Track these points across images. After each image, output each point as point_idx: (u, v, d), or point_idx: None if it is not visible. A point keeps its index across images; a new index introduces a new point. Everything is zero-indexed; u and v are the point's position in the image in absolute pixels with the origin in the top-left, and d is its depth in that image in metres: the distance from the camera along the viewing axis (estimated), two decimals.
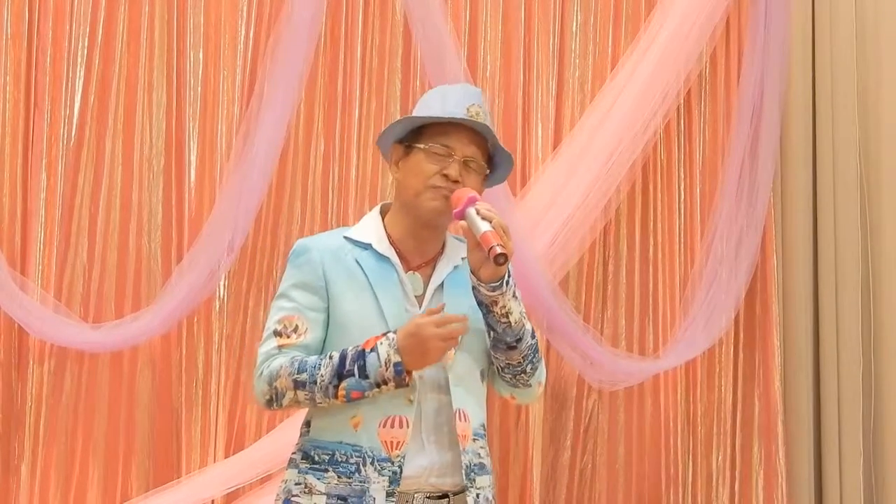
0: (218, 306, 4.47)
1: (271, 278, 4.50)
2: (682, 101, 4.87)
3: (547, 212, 4.59)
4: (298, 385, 2.66)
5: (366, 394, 2.62)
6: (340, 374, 2.62)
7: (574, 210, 4.59)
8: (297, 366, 2.66)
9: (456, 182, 2.75)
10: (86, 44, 4.50)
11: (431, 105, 2.83)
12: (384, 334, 2.63)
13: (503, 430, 4.70)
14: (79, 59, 4.48)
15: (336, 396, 2.63)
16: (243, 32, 4.60)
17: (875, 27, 4.93)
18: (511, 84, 4.80)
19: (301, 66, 4.44)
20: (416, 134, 2.82)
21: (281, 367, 2.68)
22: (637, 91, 4.71)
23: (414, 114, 2.86)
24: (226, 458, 4.37)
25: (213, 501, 4.33)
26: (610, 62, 4.87)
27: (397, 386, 2.60)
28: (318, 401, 2.66)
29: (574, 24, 4.89)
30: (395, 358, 2.58)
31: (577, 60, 4.88)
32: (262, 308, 4.45)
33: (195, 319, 4.45)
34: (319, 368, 2.64)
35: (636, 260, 4.86)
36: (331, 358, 2.65)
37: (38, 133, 4.44)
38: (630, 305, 4.85)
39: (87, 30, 4.50)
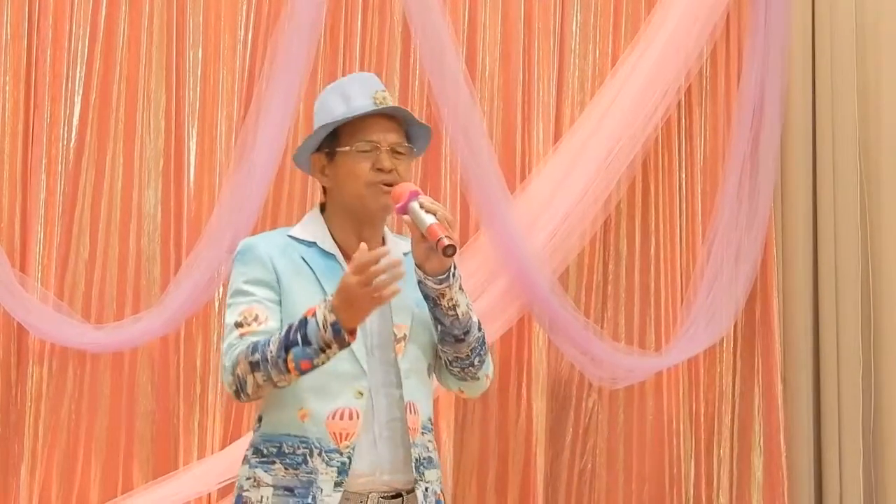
0: (217, 306, 4.48)
1: None
2: (682, 98, 4.87)
3: (547, 206, 4.59)
4: (254, 367, 2.61)
5: (314, 362, 2.56)
6: (286, 345, 2.57)
7: (573, 205, 4.59)
8: (250, 348, 2.63)
9: (391, 172, 2.74)
10: (86, 44, 4.50)
11: (334, 107, 2.79)
12: (324, 300, 2.58)
13: (502, 431, 4.70)
14: (79, 60, 4.49)
15: (288, 370, 2.58)
16: (242, 33, 4.60)
17: (875, 27, 4.93)
18: (510, 84, 4.80)
19: (301, 71, 4.43)
20: (334, 139, 2.79)
21: (239, 352, 2.64)
22: (638, 87, 4.71)
23: (317, 120, 2.82)
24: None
25: (209, 495, 4.34)
26: (610, 62, 4.87)
27: (340, 346, 2.54)
28: (274, 379, 2.61)
29: (574, 23, 4.89)
30: (331, 318, 2.52)
31: (577, 61, 4.88)
32: None
33: (193, 319, 4.45)
34: (269, 346, 2.60)
35: (636, 259, 4.86)
36: (279, 333, 2.62)
37: (38, 133, 4.44)
38: (630, 304, 4.85)
39: (88, 30, 4.50)
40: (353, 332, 2.55)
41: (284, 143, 4.46)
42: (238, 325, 2.70)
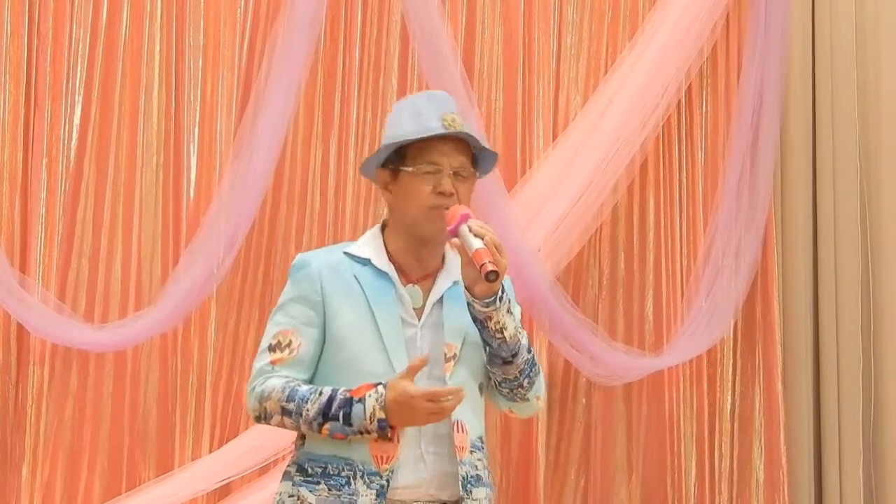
0: (215, 303, 4.48)
1: (268, 276, 4.52)
2: (682, 97, 4.87)
3: (546, 204, 4.59)
4: (286, 412, 2.69)
5: (349, 438, 2.65)
6: (325, 414, 2.65)
7: (572, 204, 4.59)
8: (287, 393, 2.69)
9: (452, 195, 2.76)
10: (86, 44, 4.50)
11: (404, 122, 2.80)
12: (374, 386, 2.64)
13: (505, 430, 4.70)
14: (79, 60, 4.49)
15: (320, 433, 2.67)
16: (239, 30, 4.61)
17: (875, 27, 4.93)
18: (508, 84, 4.80)
19: (301, 65, 4.43)
20: (400, 155, 2.80)
21: (273, 389, 2.71)
22: (637, 85, 4.71)
23: (387, 131, 2.85)
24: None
25: (205, 496, 4.35)
26: (608, 61, 4.87)
27: (380, 438, 2.64)
28: (302, 431, 2.71)
29: (572, 22, 4.89)
30: (380, 414, 2.60)
31: (573, 62, 4.88)
32: (256, 306, 4.50)
33: (192, 318, 4.46)
34: (307, 403, 2.66)
35: (635, 259, 4.86)
36: (320, 394, 2.67)
37: (38, 133, 4.45)
38: (629, 304, 4.85)
39: (88, 30, 4.51)
40: (395, 429, 2.64)
41: (283, 139, 4.46)
42: (271, 348, 2.76)
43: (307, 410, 2.65)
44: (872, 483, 4.80)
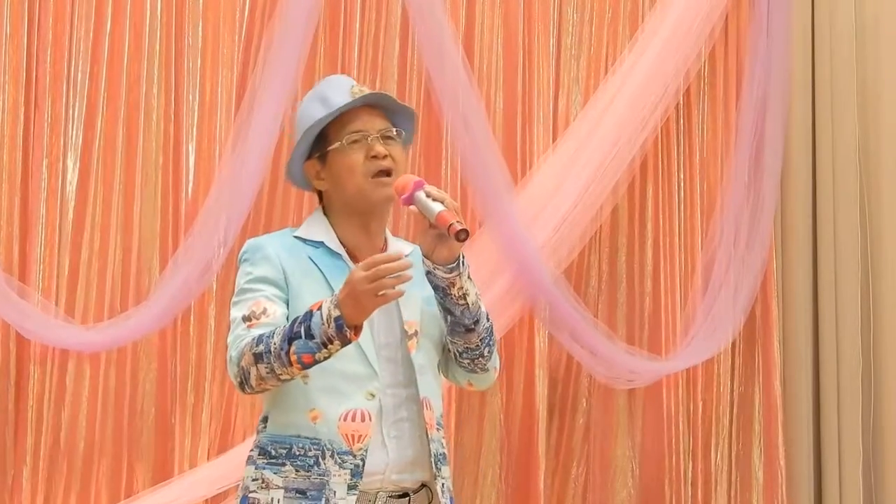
0: (214, 301, 4.48)
1: None
2: (681, 100, 4.87)
3: (546, 204, 4.58)
4: (258, 358, 2.59)
5: (316, 356, 2.54)
6: (290, 337, 2.55)
7: (572, 205, 4.59)
8: (255, 340, 2.61)
9: (385, 157, 2.74)
10: (87, 44, 4.50)
11: (314, 112, 2.78)
12: (332, 294, 2.58)
13: (504, 432, 4.70)
14: (79, 60, 4.48)
15: (290, 363, 2.55)
16: (237, 30, 4.61)
17: (875, 27, 4.93)
18: (508, 84, 4.80)
19: (297, 59, 4.41)
20: (322, 143, 2.78)
21: (245, 344, 2.62)
22: (636, 86, 4.71)
23: (299, 130, 2.81)
24: (218, 454, 4.38)
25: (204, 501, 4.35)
26: (608, 62, 4.87)
27: (342, 343, 2.52)
28: (277, 372, 2.58)
29: (571, 23, 4.89)
30: (335, 312, 2.50)
31: (573, 62, 4.88)
32: None
33: (191, 320, 4.46)
34: (273, 336, 2.57)
35: (635, 261, 4.87)
36: (285, 325, 2.60)
37: (38, 133, 4.44)
38: (629, 305, 4.86)
39: (91, 30, 4.50)
40: (356, 330, 2.53)
41: (279, 133, 4.45)
42: (246, 318, 2.68)
43: (274, 344, 2.55)
44: (872, 483, 4.80)
